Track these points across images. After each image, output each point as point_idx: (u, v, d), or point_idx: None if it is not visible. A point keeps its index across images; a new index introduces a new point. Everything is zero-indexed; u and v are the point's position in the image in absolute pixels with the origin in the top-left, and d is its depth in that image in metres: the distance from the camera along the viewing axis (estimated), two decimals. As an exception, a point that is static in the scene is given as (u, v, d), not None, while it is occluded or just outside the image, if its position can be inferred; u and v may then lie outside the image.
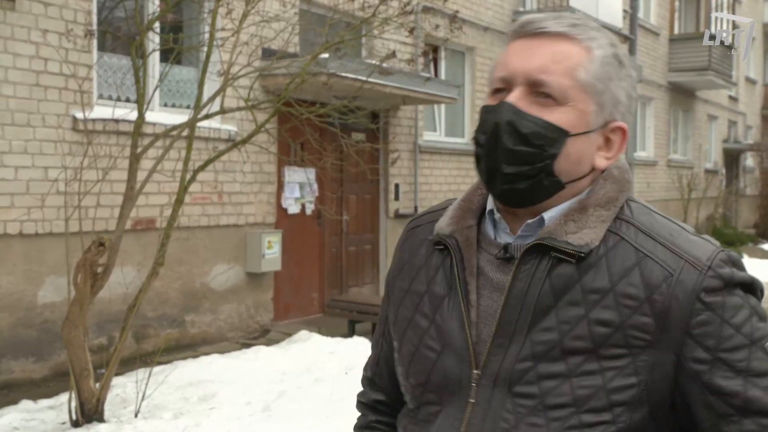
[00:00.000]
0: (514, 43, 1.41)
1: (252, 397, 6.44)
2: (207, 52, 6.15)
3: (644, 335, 1.30)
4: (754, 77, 29.99)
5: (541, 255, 1.36)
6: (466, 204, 1.51)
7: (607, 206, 1.38)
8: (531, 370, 1.33)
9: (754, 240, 22.94)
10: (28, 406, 6.25)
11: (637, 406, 1.31)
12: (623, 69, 1.41)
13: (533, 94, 1.36)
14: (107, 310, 7.47)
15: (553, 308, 1.33)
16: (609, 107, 1.39)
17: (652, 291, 1.30)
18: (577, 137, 1.36)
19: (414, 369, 1.47)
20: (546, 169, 1.36)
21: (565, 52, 1.36)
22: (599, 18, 14.68)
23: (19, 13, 6.91)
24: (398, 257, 1.61)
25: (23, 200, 6.96)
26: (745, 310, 1.33)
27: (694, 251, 1.34)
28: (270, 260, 9.17)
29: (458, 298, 1.42)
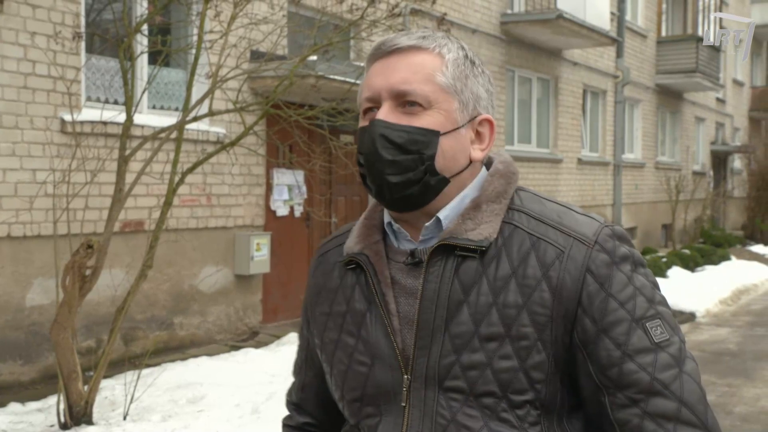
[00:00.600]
0: (373, 66, 1.50)
1: (241, 399, 6.44)
2: (195, 54, 6.15)
3: (545, 310, 1.39)
4: (741, 79, 30.14)
5: (446, 255, 1.44)
6: (369, 221, 1.59)
7: (498, 200, 1.48)
8: (455, 364, 1.40)
9: (742, 242, 23.03)
10: (16, 409, 6.23)
11: (551, 378, 1.40)
12: (476, 67, 1.51)
13: (400, 106, 1.45)
14: (96, 312, 7.46)
15: (465, 302, 1.41)
16: (471, 103, 1.49)
17: (547, 269, 1.40)
18: (448, 135, 1.45)
19: (348, 386, 1.53)
20: (429, 170, 1.44)
21: (421, 62, 1.46)
22: (587, 20, 14.73)
23: (7, 15, 6.90)
24: (313, 284, 1.67)
25: (11, 202, 6.94)
26: (629, 286, 1.41)
27: (581, 228, 1.44)
28: (259, 262, 9.17)
29: (378, 310, 1.49)
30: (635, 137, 20.81)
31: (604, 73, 18.32)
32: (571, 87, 16.95)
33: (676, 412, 1.37)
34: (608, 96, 18.73)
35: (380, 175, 1.45)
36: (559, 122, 16.52)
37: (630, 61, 19.43)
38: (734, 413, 7.02)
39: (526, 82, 15.73)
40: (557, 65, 16.36)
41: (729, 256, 17.76)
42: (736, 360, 9.21)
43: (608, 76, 18.52)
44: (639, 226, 20.42)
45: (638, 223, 20.38)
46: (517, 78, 15.29)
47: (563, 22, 13.94)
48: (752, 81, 32.29)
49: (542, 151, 16.18)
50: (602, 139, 18.76)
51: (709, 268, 16.04)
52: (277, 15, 8.77)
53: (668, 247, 20.06)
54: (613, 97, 18.86)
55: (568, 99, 16.85)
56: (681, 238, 20.68)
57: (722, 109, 27.78)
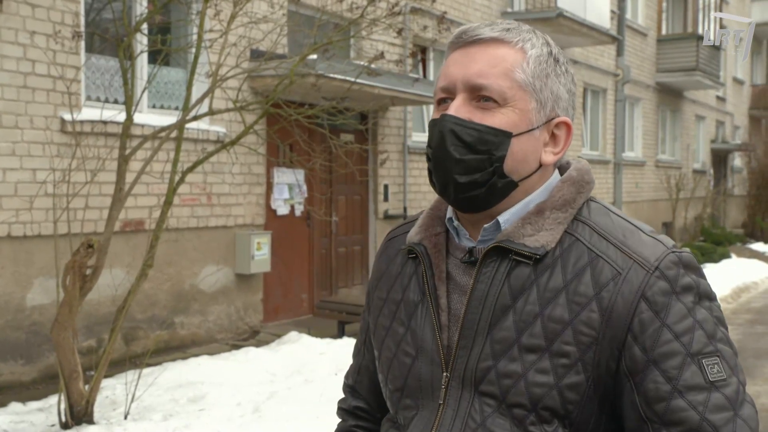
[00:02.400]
0: (452, 54, 1.45)
1: (242, 398, 6.44)
2: (195, 53, 6.15)
3: (591, 331, 1.33)
4: (742, 78, 30.12)
5: (500, 257, 1.40)
6: (434, 212, 1.56)
7: (564, 209, 1.42)
8: (492, 369, 1.37)
9: (742, 240, 23.02)
10: (17, 409, 6.23)
11: (587, 401, 1.35)
12: (559, 66, 1.45)
13: (475, 99, 1.40)
14: (96, 312, 7.46)
15: (511, 308, 1.38)
16: (550, 104, 1.43)
17: (600, 289, 1.34)
18: (521, 136, 1.40)
19: (392, 375, 1.52)
20: (497, 172, 1.40)
21: (501, 55, 1.40)
22: (587, 19, 14.72)
23: (6, 14, 6.89)
24: (376, 268, 1.66)
25: (11, 202, 6.94)
26: (689, 320, 1.33)
27: (643, 251, 1.37)
28: (259, 261, 9.17)
29: (429, 304, 1.47)
30: (635, 135, 20.80)
31: (605, 71, 18.32)
32: (572, 85, 16.92)
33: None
34: (608, 94, 18.72)
35: (446, 173, 1.41)
36: (559, 121, 16.48)
37: (630, 60, 19.42)
38: (735, 411, 7.01)
39: (526, 81, 15.71)
40: (557, 64, 16.32)
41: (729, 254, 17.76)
42: (737, 358, 9.19)
43: (608, 74, 18.52)
44: (639, 225, 20.39)
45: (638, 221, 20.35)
46: (517, 76, 15.27)
47: (563, 20, 13.94)
48: (752, 79, 32.27)
49: (542, 149, 16.15)
50: (602, 138, 18.76)
51: (710, 266, 16.03)
52: (277, 14, 8.77)
53: (669, 246, 20.01)
54: (614, 95, 18.85)
55: (569, 97, 16.82)
56: (681, 237, 20.67)
57: (722, 107, 27.76)
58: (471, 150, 1.39)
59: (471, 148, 1.38)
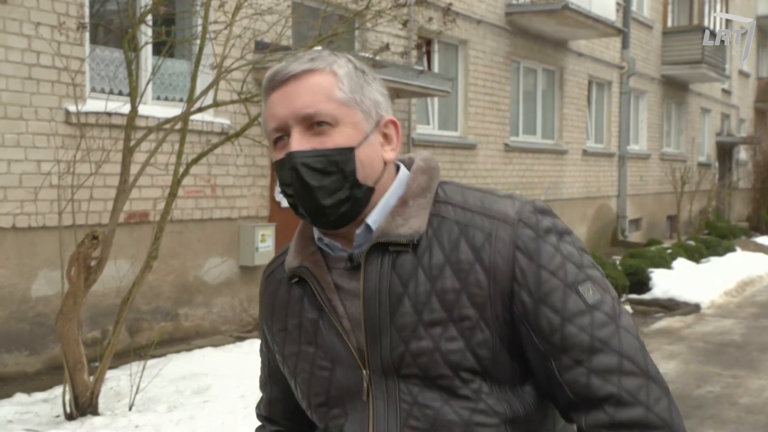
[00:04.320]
0: (271, 97, 1.54)
1: (246, 390, 6.44)
2: (200, 45, 6.13)
3: (481, 291, 1.46)
4: (747, 70, 30.03)
5: (381, 253, 1.51)
6: (303, 235, 1.65)
7: (424, 194, 1.55)
8: (405, 353, 1.47)
9: (746, 233, 22.97)
10: (22, 400, 6.25)
11: (498, 354, 1.48)
12: (367, 75, 1.58)
13: (309, 129, 1.50)
14: (101, 303, 7.47)
15: (405, 294, 1.48)
16: (373, 110, 1.56)
17: (478, 252, 1.47)
18: (360, 146, 1.52)
19: (313, 391, 1.60)
20: (354, 184, 1.51)
21: (317, 83, 1.51)
22: (592, 11, 14.68)
23: (11, 6, 6.89)
24: (265, 305, 1.73)
25: (16, 193, 6.94)
26: (557, 256, 1.48)
27: (503, 209, 1.51)
28: (263, 254, 9.17)
29: (328, 316, 1.55)
30: (640, 128, 20.76)
31: (610, 64, 18.27)
32: (577, 78, 16.91)
33: (618, 366, 1.44)
34: (613, 87, 18.68)
35: (312, 203, 1.50)
36: (564, 113, 16.48)
37: (635, 52, 19.37)
38: (739, 404, 7.01)
39: (531, 73, 15.70)
40: (562, 56, 16.32)
41: (734, 247, 17.71)
42: (741, 351, 9.19)
43: (614, 67, 18.48)
44: (644, 218, 20.39)
45: (643, 214, 20.36)
46: (522, 69, 15.26)
47: (569, 12, 13.90)
48: (758, 72, 32.17)
49: (547, 142, 16.16)
50: (607, 131, 18.73)
51: (714, 260, 16.00)
52: (282, 5, 8.75)
53: (673, 239, 20.02)
54: (619, 88, 18.82)
55: (574, 90, 16.81)
56: (686, 230, 20.63)
57: (728, 100, 27.70)
58: (325, 174, 1.49)
59: (324, 172, 1.49)
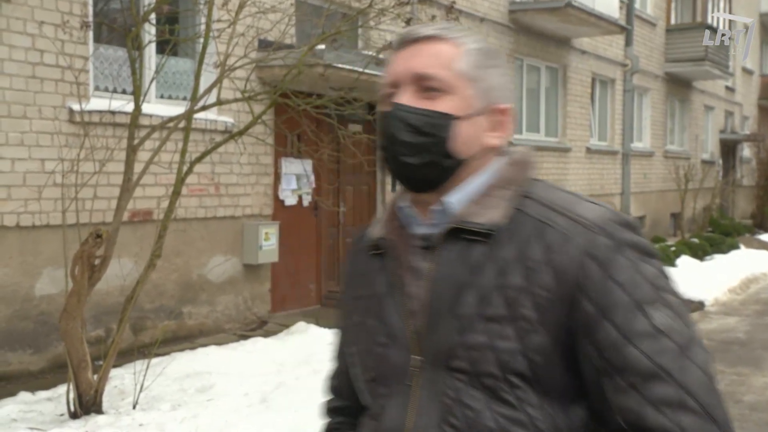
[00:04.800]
0: (395, 56, 1.57)
1: (250, 388, 6.45)
2: (203, 43, 6.14)
3: (546, 293, 1.40)
4: (751, 68, 29.98)
5: (455, 239, 1.49)
6: (392, 207, 1.65)
7: (509, 186, 1.52)
8: (459, 345, 1.43)
9: (750, 231, 22.95)
10: (26, 398, 6.25)
11: (552, 362, 1.41)
12: (491, 59, 1.57)
13: (420, 90, 1.51)
14: (105, 302, 7.48)
15: (471, 284, 1.45)
16: (487, 91, 1.54)
17: (551, 253, 1.41)
18: (463, 120, 1.51)
19: (367, 365, 1.59)
20: (443, 152, 1.50)
21: (440, 50, 1.53)
22: (596, 8, 14.66)
23: (15, 4, 6.89)
24: (345, 272, 1.74)
25: (20, 192, 6.95)
26: (632, 271, 1.39)
27: (587, 214, 1.45)
28: (267, 252, 9.18)
29: (396, 293, 1.54)
30: (644, 126, 20.73)
31: (613, 61, 18.25)
32: (580, 76, 16.89)
33: (678, 399, 1.33)
34: (617, 84, 18.66)
35: (397, 157, 1.52)
36: (567, 111, 16.47)
37: (639, 50, 19.34)
38: (743, 402, 7.01)
39: (534, 71, 15.68)
40: (566, 54, 16.29)
41: (738, 245, 17.70)
42: (745, 349, 9.18)
43: (617, 64, 18.45)
44: (648, 215, 20.36)
45: (647, 212, 20.33)
46: (525, 67, 15.24)
47: (572, 10, 13.88)
48: (762, 69, 32.12)
49: (551, 140, 16.14)
50: (611, 128, 18.70)
51: (718, 257, 15.99)
52: (285, 4, 8.75)
53: (677, 236, 20.00)
54: (622, 85, 18.79)
55: (577, 88, 16.79)
56: (690, 227, 20.61)
57: (731, 97, 27.65)
58: (419, 133, 1.50)
59: (419, 131, 1.50)
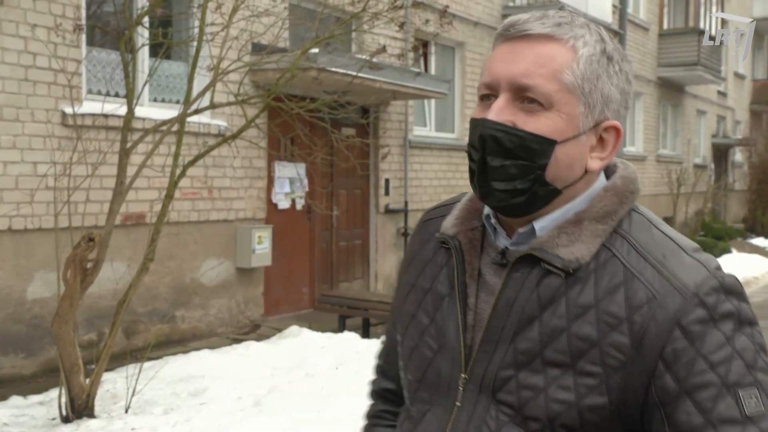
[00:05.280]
0: (499, 47, 1.37)
1: (243, 392, 6.44)
2: (197, 46, 6.13)
3: (619, 355, 1.27)
4: (743, 72, 30.07)
5: (532, 264, 1.34)
6: (473, 204, 1.49)
7: (604, 220, 1.34)
8: (512, 379, 1.32)
9: (742, 235, 23.02)
10: (17, 402, 6.23)
11: (606, 425, 1.29)
12: (613, 65, 1.35)
13: (519, 100, 1.32)
14: (97, 305, 7.45)
15: (537, 318, 1.32)
16: (599, 106, 1.34)
17: (633, 311, 1.27)
18: (565, 143, 1.32)
19: (412, 364, 1.48)
20: (538, 180, 1.33)
21: (550, 55, 1.32)
22: (588, 12, 14.70)
23: (8, 7, 6.88)
24: (409, 251, 1.61)
25: (12, 195, 6.93)
26: (727, 349, 1.25)
27: (683, 276, 1.29)
28: (260, 255, 9.16)
29: (456, 300, 1.41)
30: (636, 130, 20.77)
31: (606, 65, 18.27)
32: (573, 80, 16.91)
33: None
34: (610, 89, 18.67)
35: (485, 180, 1.34)
36: (560, 115, 16.48)
37: (632, 54, 19.38)
38: (736, 406, 7.01)
39: (527, 75, 15.68)
40: (559, 58, 16.31)
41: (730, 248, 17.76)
42: (738, 353, 9.19)
43: (610, 68, 18.47)
44: (640, 219, 20.38)
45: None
46: (518, 71, 15.25)
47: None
48: (753, 74, 32.22)
49: (543, 144, 16.15)
50: (604, 132, 18.71)
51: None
52: (279, 7, 8.75)
53: (669, 241, 20.02)
54: (615, 90, 18.80)
55: (570, 92, 16.81)
56: (682, 231, 20.65)
57: (724, 102, 27.73)
58: (511, 156, 1.31)
59: (512, 154, 1.31)
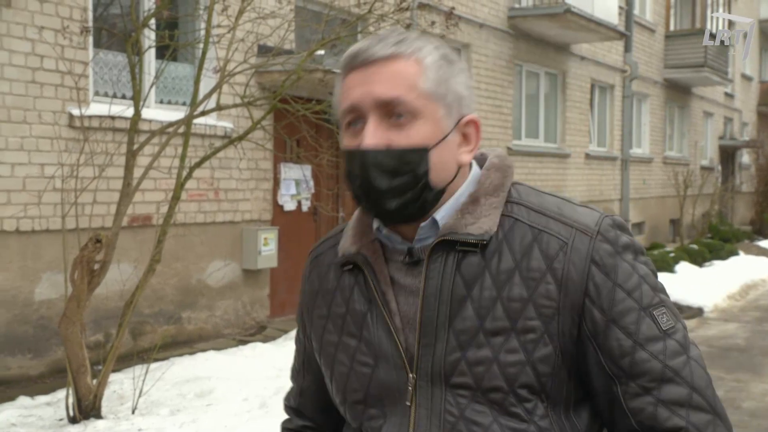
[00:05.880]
0: (349, 76, 1.44)
1: (249, 393, 6.45)
2: (203, 48, 6.15)
3: (551, 302, 1.37)
4: (750, 74, 30.01)
5: (446, 251, 1.42)
6: (362, 221, 1.56)
7: (496, 193, 1.46)
8: (461, 360, 1.39)
9: (750, 237, 22.96)
10: (25, 403, 6.25)
11: (557, 371, 1.39)
12: (454, 66, 1.45)
13: (386, 117, 1.39)
14: (104, 306, 7.48)
15: (468, 297, 1.40)
16: (455, 106, 1.44)
17: (551, 261, 1.39)
18: (437, 146, 1.41)
19: (350, 387, 1.50)
20: (425, 187, 1.41)
21: (400, 71, 1.39)
22: (595, 14, 14.68)
23: (15, 9, 6.91)
24: (308, 289, 1.64)
25: (20, 197, 6.95)
26: (635, 276, 1.40)
27: (582, 219, 1.43)
28: (266, 257, 9.18)
29: (380, 310, 1.46)
30: (643, 132, 20.75)
31: (612, 67, 18.27)
32: (579, 82, 16.91)
33: (687, 398, 1.38)
34: (616, 91, 18.68)
35: (378, 203, 1.42)
36: (566, 117, 16.48)
37: (638, 56, 19.37)
38: (742, 408, 7.00)
39: (533, 77, 15.70)
40: (565, 60, 16.32)
41: (737, 251, 17.70)
42: (744, 355, 9.18)
43: (616, 70, 18.47)
44: (647, 221, 20.37)
45: (646, 218, 20.34)
46: (524, 72, 15.26)
47: (571, 16, 13.90)
48: (761, 76, 32.16)
49: (550, 146, 16.15)
50: (610, 134, 18.72)
51: (717, 263, 15.98)
52: (285, 9, 8.77)
53: (676, 242, 20.00)
54: (621, 91, 18.81)
55: (576, 94, 16.81)
56: (689, 233, 20.62)
57: (731, 103, 27.68)
58: (396, 175, 1.39)
59: (396, 173, 1.39)
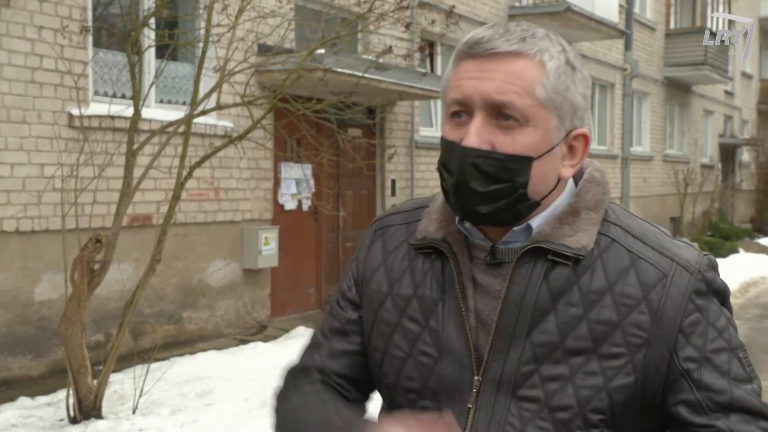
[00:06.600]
0: (464, 64, 1.36)
1: (250, 393, 6.44)
2: (203, 48, 6.14)
3: (641, 333, 1.34)
4: (750, 72, 30.00)
5: (535, 259, 1.37)
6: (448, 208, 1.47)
7: (596, 209, 1.41)
8: (534, 373, 1.35)
9: (750, 234, 22.97)
10: (25, 403, 6.24)
11: (632, 402, 1.35)
12: (576, 73, 1.38)
13: (494, 117, 1.33)
14: (104, 306, 7.46)
15: (552, 310, 1.35)
16: (569, 117, 1.37)
17: (648, 290, 1.35)
18: (542, 157, 1.35)
19: (406, 374, 1.45)
20: (522, 198, 1.36)
21: (520, 71, 1.32)
22: (595, 13, 14.67)
23: (14, 9, 6.89)
24: (370, 260, 1.55)
25: (19, 197, 6.94)
26: (723, 318, 1.40)
27: (683, 255, 1.41)
28: (267, 256, 9.17)
29: (456, 303, 1.41)
30: (643, 130, 20.74)
31: (613, 65, 18.26)
32: (579, 80, 16.89)
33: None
34: (616, 89, 18.67)
35: (468, 204, 1.36)
36: (567, 115, 16.46)
37: (638, 54, 19.36)
38: (744, 407, 6.99)
39: (533, 75, 15.67)
40: (565, 58, 16.29)
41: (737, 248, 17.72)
42: (746, 353, 9.18)
43: (616, 68, 18.46)
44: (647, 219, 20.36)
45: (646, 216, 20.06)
46: (524, 71, 15.24)
47: (571, 14, 13.89)
48: (761, 74, 32.15)
49: (550, 144, 16.13)
50: (610, 133, 18.71)
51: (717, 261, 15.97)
52: (285, 8, 8.75)
53: (676, 241, 19.99)
54: (622, 90, 18.80)
55: (576, 92, 16.78)
56: (689, 231, 20.62)
57: (731, 101, 27.67)
58: (494, 181, 1.33)
59: (493, 178, 1.33)
